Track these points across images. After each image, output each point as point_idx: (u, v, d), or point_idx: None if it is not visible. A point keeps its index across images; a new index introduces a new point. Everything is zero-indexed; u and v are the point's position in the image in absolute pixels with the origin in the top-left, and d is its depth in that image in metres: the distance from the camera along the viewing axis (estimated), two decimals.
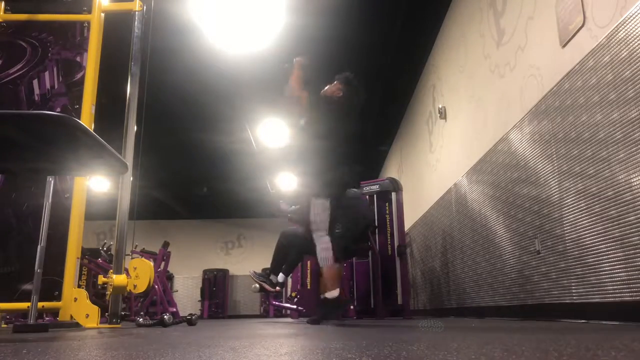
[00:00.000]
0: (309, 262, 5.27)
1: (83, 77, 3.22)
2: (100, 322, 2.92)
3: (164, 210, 11.31)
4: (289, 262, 4.30)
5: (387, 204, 4.96)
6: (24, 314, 5.20)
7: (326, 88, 3.18)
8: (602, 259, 2.21)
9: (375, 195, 4.99)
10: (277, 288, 4.22)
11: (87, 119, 3.10)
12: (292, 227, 4.24)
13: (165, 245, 6.33)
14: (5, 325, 3.85)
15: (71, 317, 2.84)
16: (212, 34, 4.95)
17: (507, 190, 3.28)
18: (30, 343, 1.50)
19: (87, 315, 2.86)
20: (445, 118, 4.93)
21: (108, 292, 2.82)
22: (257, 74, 5.51)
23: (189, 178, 9.67)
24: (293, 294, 5.94)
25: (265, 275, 4.00)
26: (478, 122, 3.94)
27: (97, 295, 5.67)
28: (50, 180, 2.13)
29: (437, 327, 2.18)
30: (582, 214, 2.37)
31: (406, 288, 4.76)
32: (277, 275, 4.13)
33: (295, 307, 5.34)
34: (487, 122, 3.73)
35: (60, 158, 1.61)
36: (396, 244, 4.83)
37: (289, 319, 5.24)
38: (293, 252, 4.09)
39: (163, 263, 6.30)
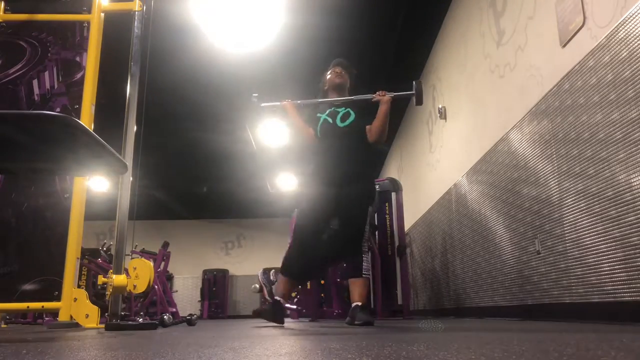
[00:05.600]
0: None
1: (83, 77, 3.22)
2: (100, 322, 2.92)
3: (164, 210, 11.31)
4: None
5: (387, 204, 4.95)
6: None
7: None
8: (602, 259, 2.21)
9: None
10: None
11: (87, 119, 3.10)
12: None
13: (165, 245, 6.32)
14: (6, 326, 3.85)
15: (71, 317, 2.84)
16: (212, 34, 4.95)
17: (507, 190, 3.28)
18: (30, 343, 1.50)
19: (87, 316, 2.86)
20: (445, 118, 4.93)
21: (108, 292, 2.82)
22: (257, 74, 5.51)
23: (189, 178, 9.66)
24: (293, 294, 5.93)
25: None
26: (478, 122, 3.94)
27: (97, 295, 5.67)
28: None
29: (437, 327, 2.18)
30: (582, 214, 2.37)
31: (406, 288, 4.76)
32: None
33: (295, 307, 5.33)
34: (487, 122, 3.73)
35: (60, 158, 1.61)
36: (396, 244, 4.83)
37: (289, 319, 5.24)
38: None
39: (163, 263, 6.31)
